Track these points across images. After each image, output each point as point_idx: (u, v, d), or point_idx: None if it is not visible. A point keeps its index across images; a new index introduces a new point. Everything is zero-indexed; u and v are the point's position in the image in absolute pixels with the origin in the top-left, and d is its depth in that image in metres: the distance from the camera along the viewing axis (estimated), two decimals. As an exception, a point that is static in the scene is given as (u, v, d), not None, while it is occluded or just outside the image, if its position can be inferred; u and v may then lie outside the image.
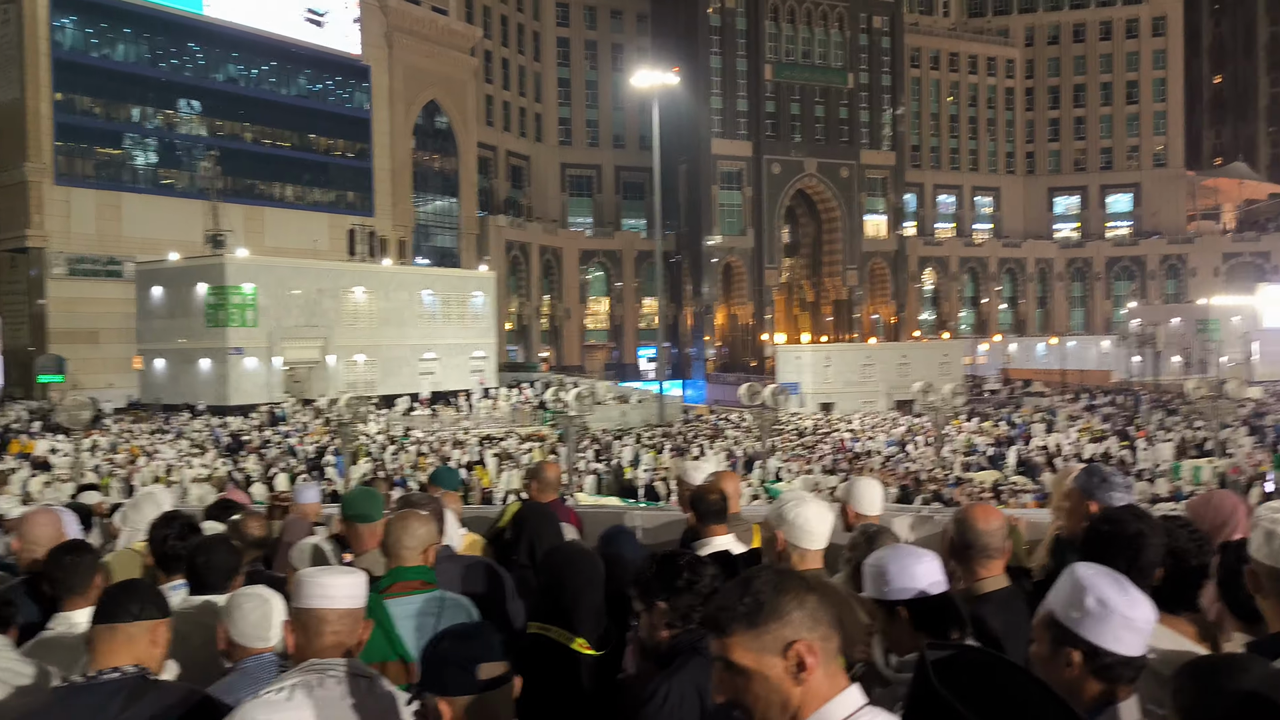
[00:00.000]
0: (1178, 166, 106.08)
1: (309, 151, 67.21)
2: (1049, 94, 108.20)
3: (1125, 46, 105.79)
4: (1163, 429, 43.57)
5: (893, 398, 60.10)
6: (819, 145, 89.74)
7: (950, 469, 33.56)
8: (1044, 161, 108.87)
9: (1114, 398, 62.91)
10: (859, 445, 38.85)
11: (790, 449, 36.57)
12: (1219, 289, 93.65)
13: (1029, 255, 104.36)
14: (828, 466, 32.25)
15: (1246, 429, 41.99)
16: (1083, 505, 3.78)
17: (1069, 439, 40.16)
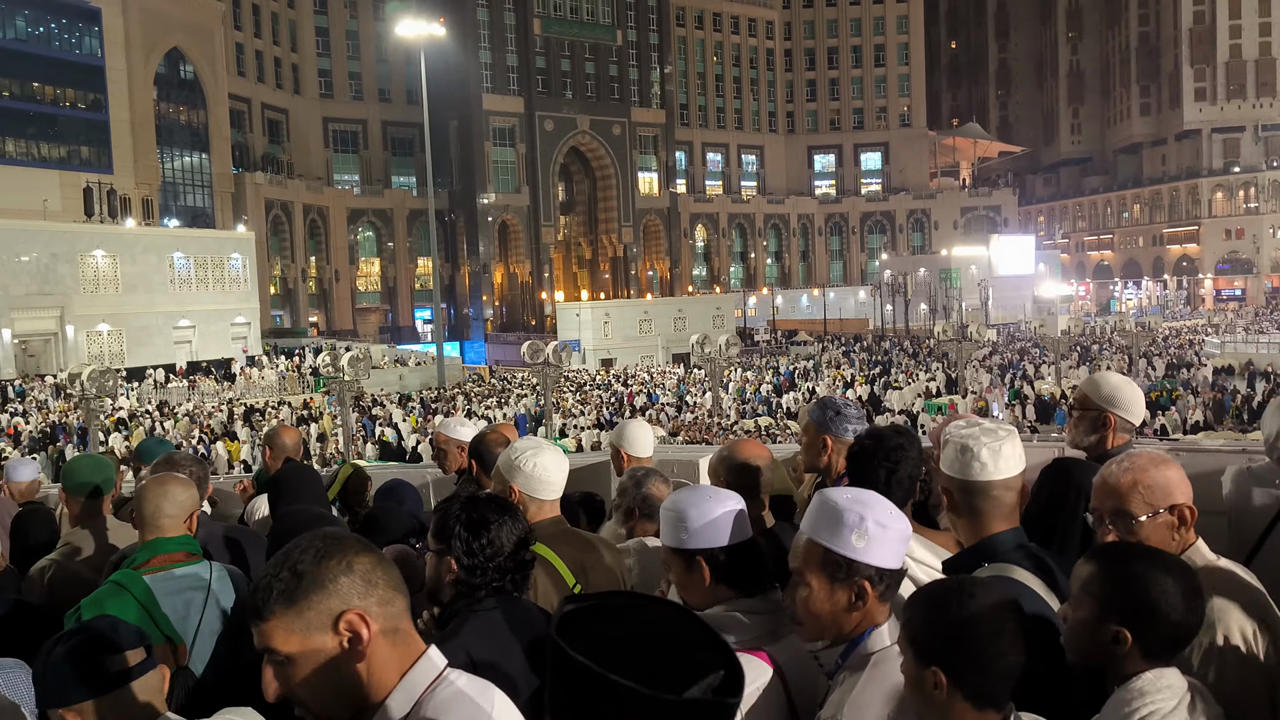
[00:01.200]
0: (921, 127, 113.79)
1: (33, 102, 60.43)
2: (805, 56, 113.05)
3: (872, 11, 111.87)
4: (920, 370, 46.81)
5: (670, 351, 61.56)
6: (591, 102, 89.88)
7: (727, 416, 34.76)
8: (803, 121, 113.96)
9: (870, 343, 67.22)
10: (640, 397, 39.47)
11: (572, 405, 36.70)
12: (958, 240, 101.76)
13: (792, 211, 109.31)
14: (609, 420, 32.59)
15: (984, 368, 45.88)
16: (819, 438, 3.75)
17: (826, 383, 42.51)
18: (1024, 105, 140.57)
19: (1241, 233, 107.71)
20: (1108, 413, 3.49)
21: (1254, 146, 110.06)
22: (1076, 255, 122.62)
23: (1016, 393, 38.38)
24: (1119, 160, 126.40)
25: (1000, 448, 2.57)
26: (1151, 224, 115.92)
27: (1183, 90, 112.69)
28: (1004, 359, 50.29)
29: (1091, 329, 61.17)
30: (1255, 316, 78.71)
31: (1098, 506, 2.49)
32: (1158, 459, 2.48)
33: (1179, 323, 73.72)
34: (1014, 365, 47.25)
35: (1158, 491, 2.42)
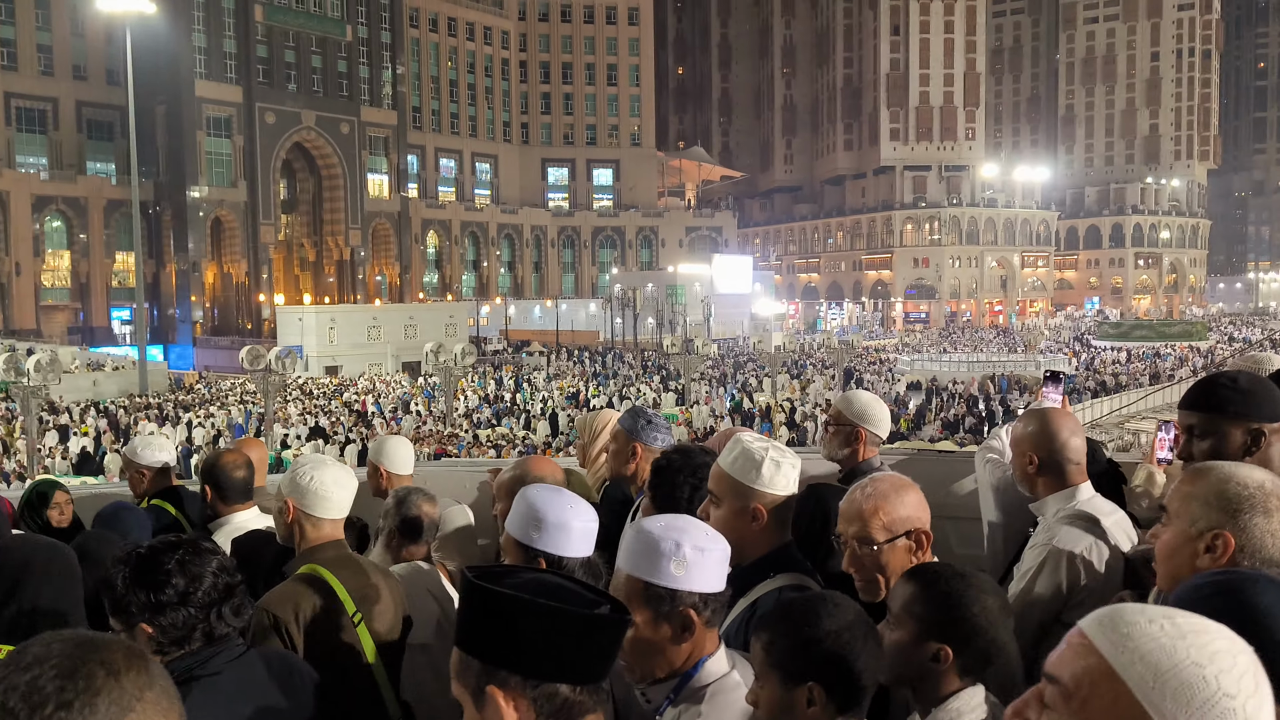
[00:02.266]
0: (650, 147, 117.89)
1: None
2: (541, 69, 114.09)
3: (606, 31, 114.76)
4: (659, 382, 48.22)
5: (400, 359, 59.81)
6: (318, 98, 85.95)
7: (460, 427, 34.16)
8: (537, 133, 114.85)
9: (600, 354, 68.60)
10: (371, 408, 38.05)
11: (299, 414, 34.74)
12: (683, 258, 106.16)
13: (525, 222, 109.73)
14: (339, 430, 31.14)
15: (707, 379, 48.03)
16: (628, 445, 3.86)
17: (550, 394, 42.94)
18: (744, 133, 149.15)
19: (927, 262, 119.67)
20: (859, 428, 3.73)
21: (938, 184, 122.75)
22: (788, 276, 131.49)
23: (737, 404, 40.45)
24: (825, 190, 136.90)
25: (786, 464, 2.68)
26: (853, 250, 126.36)
27: (880, 130, 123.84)
28: (721, 371, 52.90)
29: (801, 346, 65.54)
30: (939, 338, 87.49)
31: (842, 531, 2.59)
32: (899, 484, 2.59)
33: (875, 342, 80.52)
34: (732, 378, 49.81)
35: (897, 518, 2.53)
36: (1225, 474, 2.08)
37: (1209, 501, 2.04)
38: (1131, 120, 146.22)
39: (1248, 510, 2.01)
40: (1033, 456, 3.04)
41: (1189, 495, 2.09)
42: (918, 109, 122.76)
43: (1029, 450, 3.07)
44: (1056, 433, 3.03)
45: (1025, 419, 3.17)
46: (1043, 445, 3.03)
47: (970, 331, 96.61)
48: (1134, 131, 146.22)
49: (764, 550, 2.66)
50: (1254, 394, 2.69)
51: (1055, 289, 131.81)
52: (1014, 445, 3.16)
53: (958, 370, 55.86)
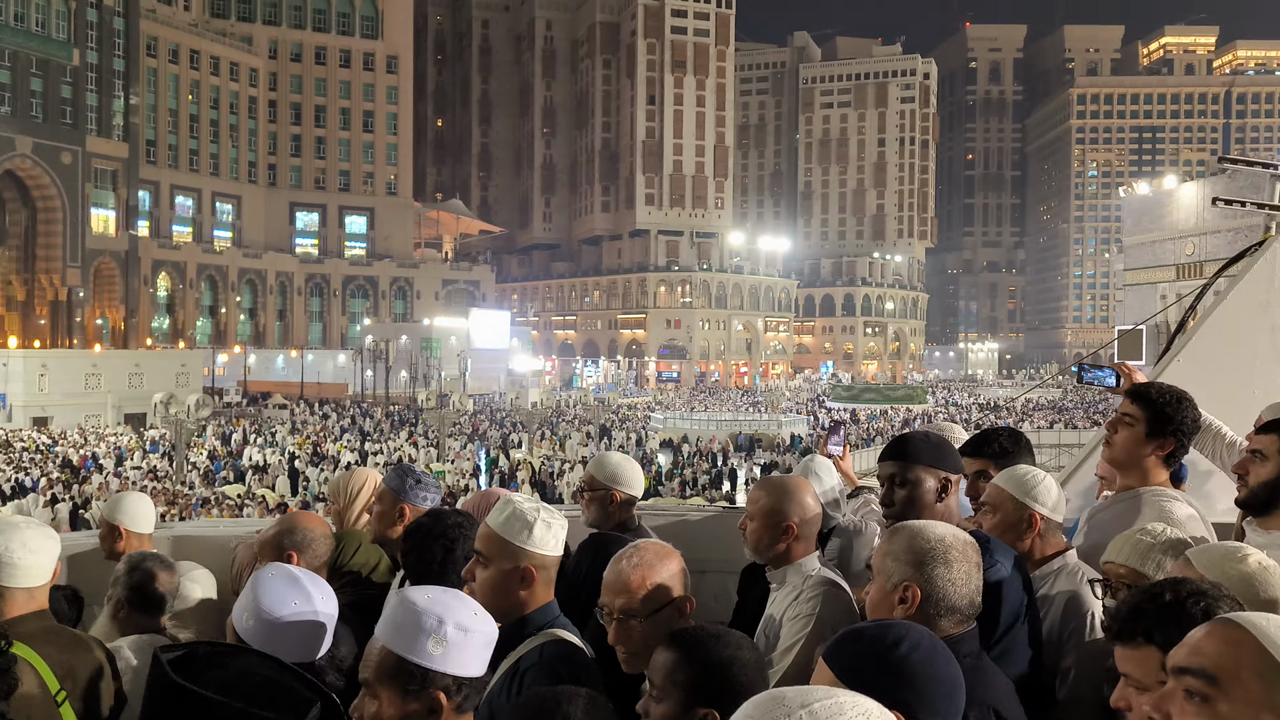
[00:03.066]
0: (407, 196, 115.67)
1: None
2: (292, 110, 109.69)
3: (363, 77, 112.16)
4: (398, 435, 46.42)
5: (123, 410, 54.60)
6: (36, 123, 78.20)
7: (191, 484, 31.34)
8: (286, 175, 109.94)
9: (349, 409, 65.68)
10: (87, 463, 34.29)
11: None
12: (439, 311, 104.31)
13: (270, 268, 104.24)
14: (52, 487, 27.71)
15: (464, 435, 46.91)
16: (395, 507, 3.75)
17: (292, 449, 40.50)
18: (503, 189, 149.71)
19: (679, 323, 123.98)
20: (613, 490, 3.73)
21: (690, 249, 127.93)
22: (545, 333, 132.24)
23: (494, 460, 39.64)
24: (583, 249, 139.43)
25: (556, 525, 2.69)
26: (609, 309, 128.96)
27: (636, 194, 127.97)
28: (474, 425, 51.87)
29: (559, 403, 65.57)
30: (690, 396, 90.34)
31: (606, 603, 2.57)
32: (662, 552, 2.62)
33: (630, 399, 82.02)
34: (488, 434, 48.91)
35: (662, 587, 2.55)
36: (913, 530, 2.30)
37: (900, 557, 2.27)
38: (861, 199, 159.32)
39: (930, 562, 2.23)
40: (789, 525, 3.03)
41: (885, 553, 2.30)
42: (671, 176, 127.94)
43: (781, 520, 3.03)
44: (804, 498, 3.09)
45: (769, 488, 3.15)
46: (795, 512, 3.04)
47: (719, 391, 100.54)
48: (863, 210, 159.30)
49: (529, 609, 2.65)
50: (943, 448, 3.10)
51: (795, 353, 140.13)
52: (760, 514, 3.09)
53: (706, 428, 57.66)
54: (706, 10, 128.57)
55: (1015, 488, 2.98)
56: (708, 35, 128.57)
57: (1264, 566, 2.18)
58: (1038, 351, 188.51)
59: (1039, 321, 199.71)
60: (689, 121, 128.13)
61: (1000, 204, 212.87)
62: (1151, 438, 3.13)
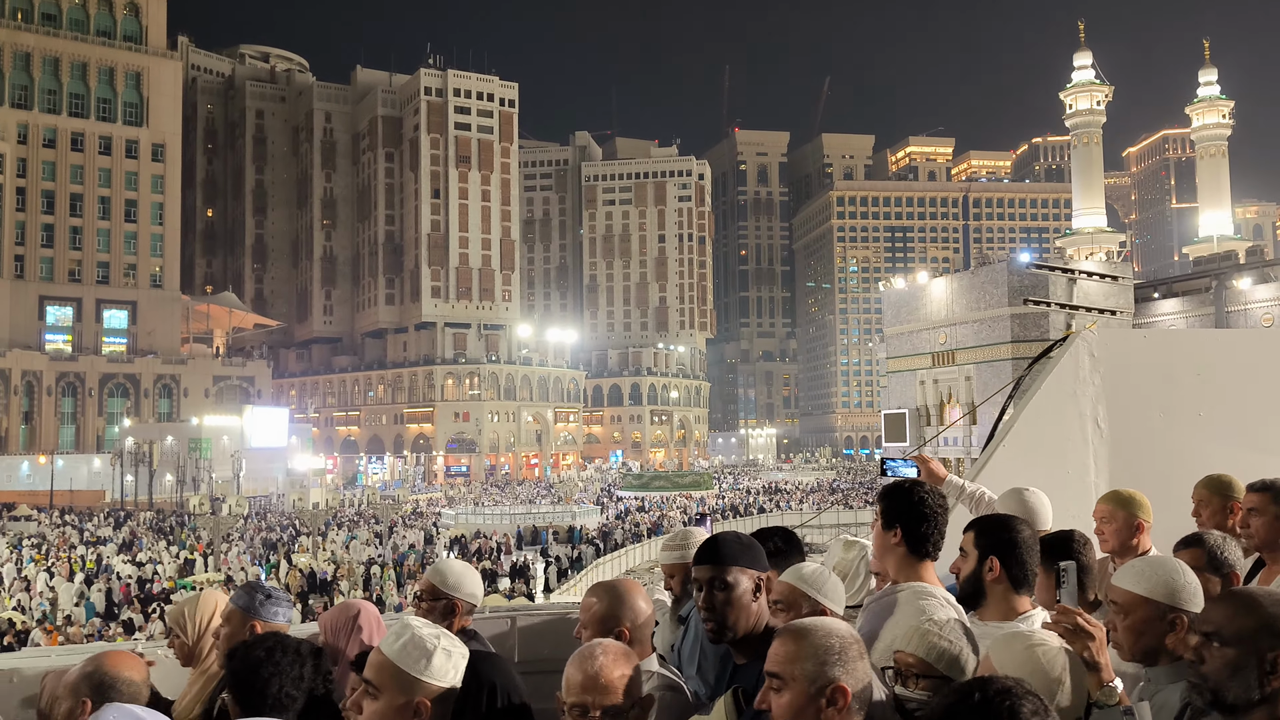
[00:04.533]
0: (174, 289, 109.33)
1: None
2: (43, 197, 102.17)
3: (125, 165, 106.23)
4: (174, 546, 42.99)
5: None
6: None
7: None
8: (35, 267, 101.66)
9: (106, 517, 60.32)
10: None
11: None
12: (210, 409, 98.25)
13: (15, 366, 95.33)
14: None
15: (242, 541, 44.02)
16: (245, 625, 3.47)
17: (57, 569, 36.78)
18: (280, 281, 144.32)
19: (467, 416, 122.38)
20: (455, 599, 3.63)
21: (478, 341, 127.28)
22: (326, 430, 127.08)
23: (274, 566, 37.38)
24: (367, 343, 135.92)
25: (458, 654, 2.60)
26: (394, 404, 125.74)
27: (422, 286, 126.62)
28: (253, 530, 48.83)
29: (342, 502, 62.92)
30: (481, 490, 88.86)
31: (581, 702, 2.48)
32: (622, 649, 2.58)
33: (420, 495, 79.78)
34: (268, 539, 46.12)
35: (634, 683, 2.53)
36: (822, 629, 2.31)
37: (818, 658, 2.25)
38: (645, 292, 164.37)
39: (854, 658, 2.26)
40: (623, 630, 3.05)
41: (795, 657, 2.27)
42: (458, 269, 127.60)
43: (615, 625, 3.05)
44: (637, 601, 3.12)
45: (601, 593, 3.17)
46: (628, 616, 3.08)
47: (510, 484, 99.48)
48: (647, 302, 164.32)
49: None
50: (754, 549, 3.16)
51: (585, 443, 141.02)
52: (594, 621, 3.12)
53: (499, 522, 56.85)
54: (490, 108, 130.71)
55: (807, 585, 3.11)
56: (491, 132, 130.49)
57: (1045, 649, 2.44)
58: (812, 435, 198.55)
59: (812, 407, 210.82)
60: (474, 215, 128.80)
61: (773, 297, 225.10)
62: (886, 529, 3.27)
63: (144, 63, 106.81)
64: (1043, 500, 3.93)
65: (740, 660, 3.08)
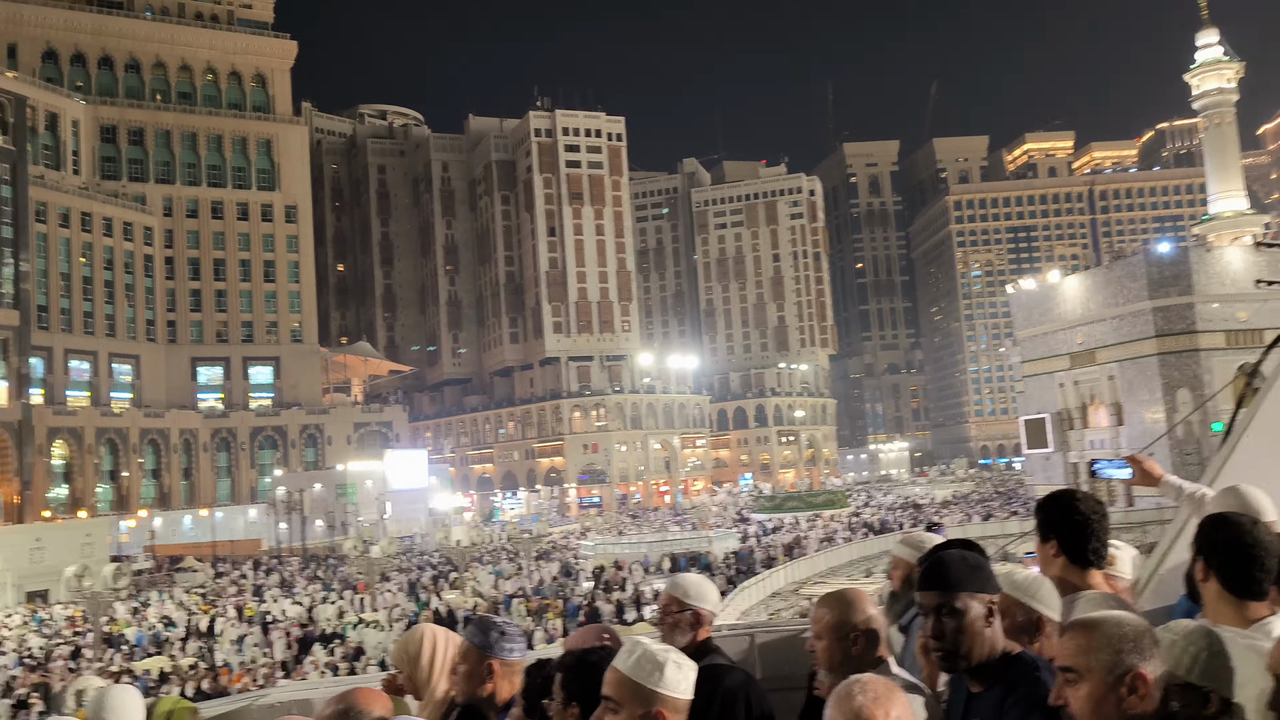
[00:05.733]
0: (313, 342, 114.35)
1: None
2: (190, 265, 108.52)
3: (262, 229, 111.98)
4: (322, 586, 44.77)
5: (24, 589, 51.57)
6: (-82, 296, 75.74)
7: (111, 660, 29.64)
8: (186, 331, 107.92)
9: (268, 563, 63.24)
10: None
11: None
12: (353, 455, 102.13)
13: (173, 425, 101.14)
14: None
15: (393, 582, 45.52)
16: (483, 664, 3.52)
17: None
18: (409, 328, 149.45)
19: (596, 447, 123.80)
20: (699, 610, 3.72)
21: (601, 373, 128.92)
22: (462, 468, 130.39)
23: (425, 604, 38.48)
24: (495, 382, 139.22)
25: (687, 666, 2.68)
26: (525, 439, 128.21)
27: (544, 323, 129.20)
28: (402, 569, 50.41)
29: (485, 538, 64.34)
30: (618, 520, 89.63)
31: None
32: (889, 686, 2.48)
33: (557, 528, 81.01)
34: (417, 578, 47.57)
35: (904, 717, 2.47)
36: (1112, 620, 2.30)
37: (1113, 648, 2.24)
38: (762, 313, 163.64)
39: (1148, 646, 2.24)
40: (857, 635, 3.09)
41: (1089, 648, 2.27)
42: (577, 303, 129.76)
43: (849, 631, 3.10)
44: (867, 607, 3.14)
45: (831, 603, 3.19)
46: (861, 622, 3.09)
47: (643, 513, 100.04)
48: (765, 323, 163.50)
49: None
50: (982, 570, 2.93)
51: (713, 467, 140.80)
52: (827, 631, 3.15)
53: (638, 550, 57.21)
54: (598, 144, 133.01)
55: (1021, 592, 3.07)
56: (601, 167, 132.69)
57: None
58: (946, 447, 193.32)
59: (943, 418, 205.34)
60: (590, 250, 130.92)
61: (894, 308, 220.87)
62: (1043, 542, 3.30)
63: (273, 130, 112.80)
64: (1259, 497, 3.65)
65: (975, 688, 2.89)
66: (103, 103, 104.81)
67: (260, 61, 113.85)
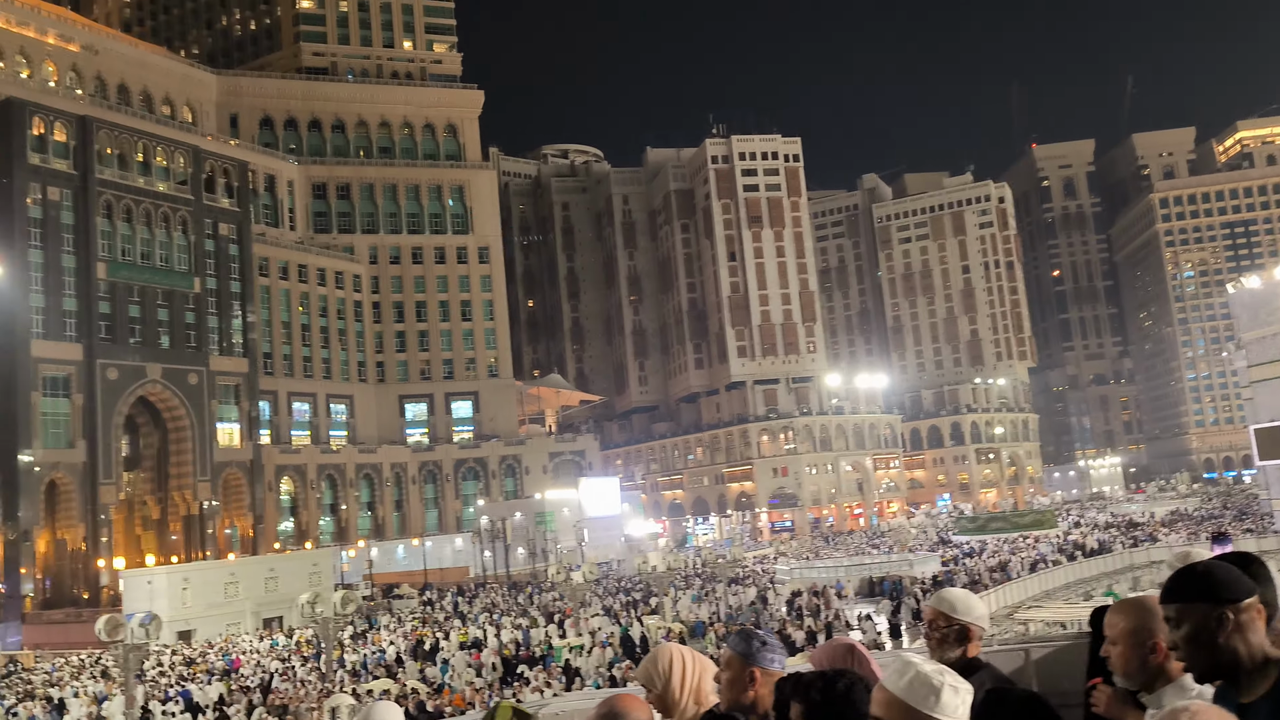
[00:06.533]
0: (508, 377, 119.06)
1: None
2: (394, 308, 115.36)
3: (457, 270, 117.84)
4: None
5: (261, 615, 55.90)
6: (163, 350, 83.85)
7: (342, 683, 31.69)
8: (393, 370, 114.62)
9: (474, 590, 65.97)
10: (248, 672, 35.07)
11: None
12: (549, 484, 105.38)
13: (384, 460, 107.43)
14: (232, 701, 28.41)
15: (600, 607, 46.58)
16: (744, 672, 3.59)
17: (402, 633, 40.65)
18: (597, 358, 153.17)
19: (786, 470, 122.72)
20: (969, 625, 3.71)
21: (788, 395, 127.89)
22: (653, 495, 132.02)
23: (627, 628, 39.13)
24: (682, 408, 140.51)
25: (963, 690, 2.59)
26: (714, 464, 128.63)
27: (728, 348, 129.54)
28: (601, 594, 51.44)
29: (682, 564, 64.85)
30: (813, 543, 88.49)
31: None
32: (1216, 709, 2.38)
33: (751, 553, 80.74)
34: (615, 604, 48.47)
35: None
36: None
37: None
38: (953, 327, 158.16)
39: None
40: (1157, 643, 2.96)
41: None
42: (761, 327, 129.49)
43: (1148, 639, 2.98)
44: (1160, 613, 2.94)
45: (1127, 610, 3.06)
46: (1161, 628, 2.91)
47: (837, 536, 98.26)
48: (957, 337, 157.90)
49: None
50: (1212, 576, 2.76)
51: (908, 488, 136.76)
52: (1123, 637, 3.04)
53: (835, 574, 56.30)
54: (775, 166, 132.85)
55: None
56: (779, 189, 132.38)
57: None
58: (1163, 461, 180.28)
59: (1159, 430, 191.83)
60: (771, 272, 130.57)
61: (1097, 315, 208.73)
62: None
63: (465, 177, 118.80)
64: None
65: (1246, 698, 2.71)
66: (313, 162, 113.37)
67: (451, 112, 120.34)
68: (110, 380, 79.50)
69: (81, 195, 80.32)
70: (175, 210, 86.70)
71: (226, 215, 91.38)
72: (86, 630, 55.56)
